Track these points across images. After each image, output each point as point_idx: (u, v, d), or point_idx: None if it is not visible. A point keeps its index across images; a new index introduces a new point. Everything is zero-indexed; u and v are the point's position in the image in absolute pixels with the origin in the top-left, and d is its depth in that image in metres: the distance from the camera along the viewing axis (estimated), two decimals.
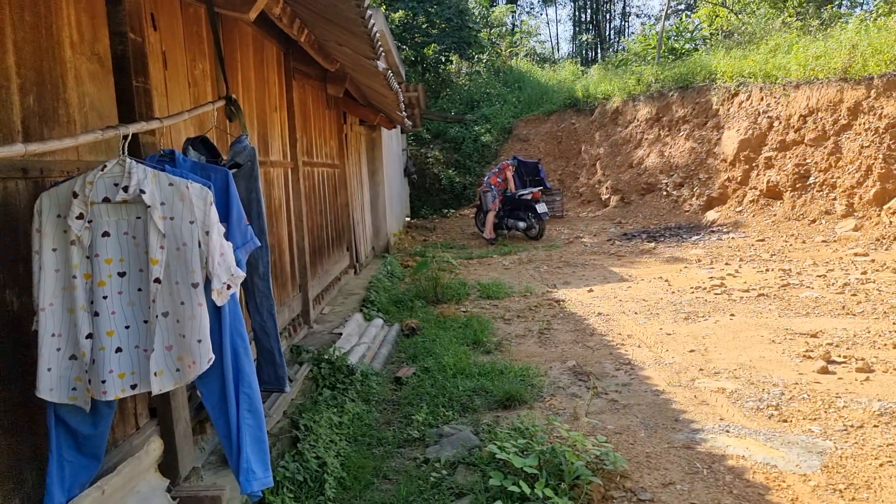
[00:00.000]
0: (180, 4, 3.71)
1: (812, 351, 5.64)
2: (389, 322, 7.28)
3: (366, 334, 6.48)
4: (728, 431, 4.22)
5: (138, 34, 3.04)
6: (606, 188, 17.65)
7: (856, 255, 9.58)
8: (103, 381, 2.22)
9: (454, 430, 4.28)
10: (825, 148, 12.14)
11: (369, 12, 3.37)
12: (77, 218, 2.17)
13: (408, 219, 18.15)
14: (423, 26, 22.13)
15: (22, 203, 2.33)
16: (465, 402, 4.86)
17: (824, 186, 12.03)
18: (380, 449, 4.20)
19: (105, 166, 2.21)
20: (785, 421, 4.35)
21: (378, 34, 4.07)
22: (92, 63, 2.80)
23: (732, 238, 12.14)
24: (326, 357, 5.23)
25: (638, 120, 17.65)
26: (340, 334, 6.27)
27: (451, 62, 24.89)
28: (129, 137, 2.31)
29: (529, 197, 13.82)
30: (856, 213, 11.17)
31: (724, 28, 20.27)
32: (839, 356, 5.50)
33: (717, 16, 21.43)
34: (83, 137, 2.18)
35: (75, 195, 2.18)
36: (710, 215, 14.07)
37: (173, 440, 3.12)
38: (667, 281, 9.12)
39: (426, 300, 8.37)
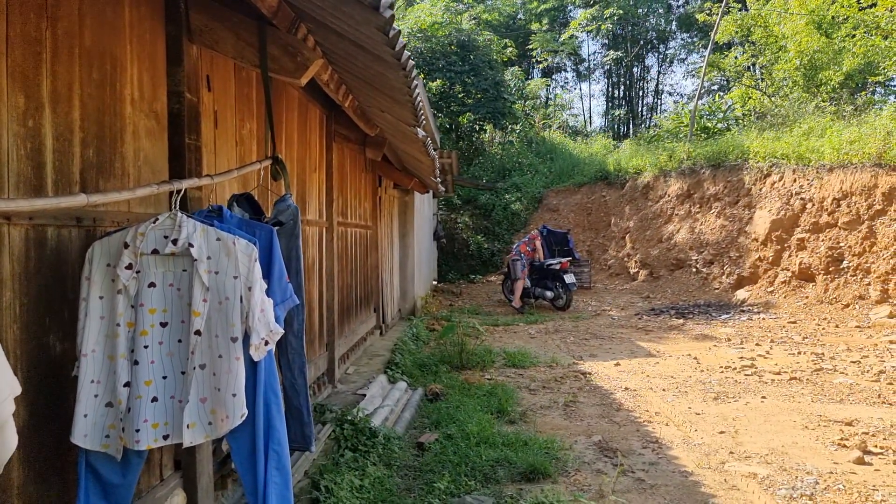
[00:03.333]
0: (234, 67, 3.88)
1: (847, 440, 5.46)
2: (413, 386, 7.23)
3: (389, 397, 6.43)
4: None
5: (194, 94, 3.18)
6: (635, 262, 17.59)
7: (891, 342, 9.35)
8: (137, 430, 2.24)
9: (476, 500, 4.19)
10: (859, 232, 12.04)
11: (416, 82, 3.48)
12: (126, 268, 2.24)
13: (435, 283, 18.19)
14: (460, 95, 22.66)
15: (73, 251, 2.41)
16: (487, 472, 4.77)
17: (858, 271, 11.87)
18: None
19: (157, 219, 2.28)
20: None
21: (420, 102, 4.20)
22: (149, 120, 2.92)
23: (763, 318, 11.95)
24: (349, 418, 5.20)
25: (669, 195, 17.70)
26: (364, 395, 6.24)
27: (485, 131, 25.36)
28: (182, 192, 2.39)
29: (558, 267, 13.81)
30: (891, 300, 10.97)
31: (757, 109, 20.45)
32: (876, 446, 5.33)
33: (750, 97, 21.65)
34: (140, 191, 2.27)
35: (126, 245, 2.24)
36: (741, 294, 13.91)
37: (195, 494, 3.10)
38: (695, 359, 8.97)
39: (451, 365, 8.31)
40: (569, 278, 13.71)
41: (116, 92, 2.67)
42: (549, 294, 14.00)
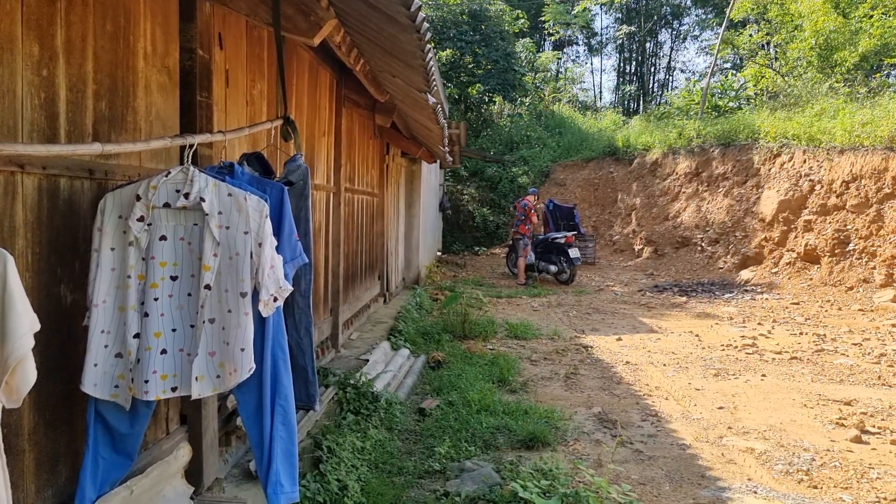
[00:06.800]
0: (246, 26, 3.85)
1: (845, 419, 5.50)
2: (416, 353, 7.28)
3: (392, 363, 6.49)
4: (755, 493, 4.13)
5: (206, 51, 3.16)
6: (640, 239, 17.56)
7: (893, 325, 9.36)
8: (146, 381, 2.26)
9: (476, 465, 4.24)
10: (867, 215, 11.98)
11: (429, 45, 3.45)
12: (138, 220, 2.25)
13: (439, 253, 18.21)
14: (470, 66, 22.46)
15: (85, 203, 2.42)
16: (487, 438, 4.83)
17: (864, 254, 11.84)
18: (400, 478, 4.17)
19: (169, 172, 2.29)
20: (815, 487, 4.24)
21: (433, 68, 4.16)
22: (161, 75, 2.91)
23: (766, 299, 11.96)
24: (352, 382, 5.24)
25: (677, 173, 17.61)
26: (367, 361, 6.29)
27: (494, 103, 25.16)
28: (194, 147, 2.39)
29: (562, 241, 13.78)
30: (895, 284, 10.96)
31: (770, 89, 20.23)
32: (874, 426, 5.36)
33: (763, 76, 21.41)
34: (155, 143, 2.27)
35: (138, 198, 2.25)
36: (745, 274, 13.90)
37: (200, 448, 3.14)
38: (697, 336, 9.00)
39: (453, 335, 8.36)
40: (573, 253, 13.70)
41: (129, 45, 2.66)
42: (552, 268, 14.00)
